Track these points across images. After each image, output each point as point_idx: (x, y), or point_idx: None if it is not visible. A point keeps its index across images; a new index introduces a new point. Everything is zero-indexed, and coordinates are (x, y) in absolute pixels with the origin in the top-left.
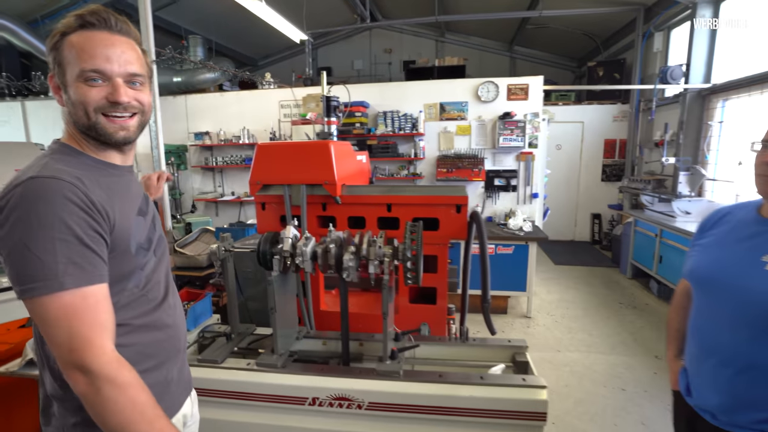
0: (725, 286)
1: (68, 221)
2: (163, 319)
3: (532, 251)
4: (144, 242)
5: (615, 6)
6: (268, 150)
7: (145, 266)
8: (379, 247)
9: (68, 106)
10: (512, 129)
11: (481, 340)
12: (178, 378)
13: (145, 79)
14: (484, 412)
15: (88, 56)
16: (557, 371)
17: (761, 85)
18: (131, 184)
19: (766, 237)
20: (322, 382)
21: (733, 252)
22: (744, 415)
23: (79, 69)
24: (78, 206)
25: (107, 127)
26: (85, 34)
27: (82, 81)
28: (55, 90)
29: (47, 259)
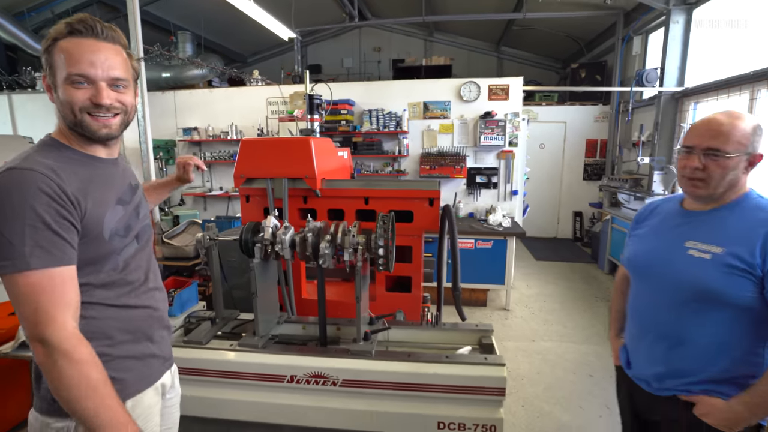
0: (657, 272)
1: (38, 209)
2: (143, 300)
3: (510, 246)
4: (121, 229)
5: (595, 10)
6: (251, 145)
7: (122, 251)
8: (353, 236)
9: (58, 105)
10: (493, 128)
11: (452, 325)
12: (158, 353)
13: (129, 82)
14: (449, 387)
15: (75, 61)
16: (530, 359)
17: (727, 90)
18: (115, 176)
19: (687, 226)
20: (299, 361)
21: (663, 240)
22: (673, 381)
23: (66, 72)
24: (49, 196)
25: (91, 125)
26: (74, 41)
27: (69, 83)
28: (47, 89)
29: (16, 242)
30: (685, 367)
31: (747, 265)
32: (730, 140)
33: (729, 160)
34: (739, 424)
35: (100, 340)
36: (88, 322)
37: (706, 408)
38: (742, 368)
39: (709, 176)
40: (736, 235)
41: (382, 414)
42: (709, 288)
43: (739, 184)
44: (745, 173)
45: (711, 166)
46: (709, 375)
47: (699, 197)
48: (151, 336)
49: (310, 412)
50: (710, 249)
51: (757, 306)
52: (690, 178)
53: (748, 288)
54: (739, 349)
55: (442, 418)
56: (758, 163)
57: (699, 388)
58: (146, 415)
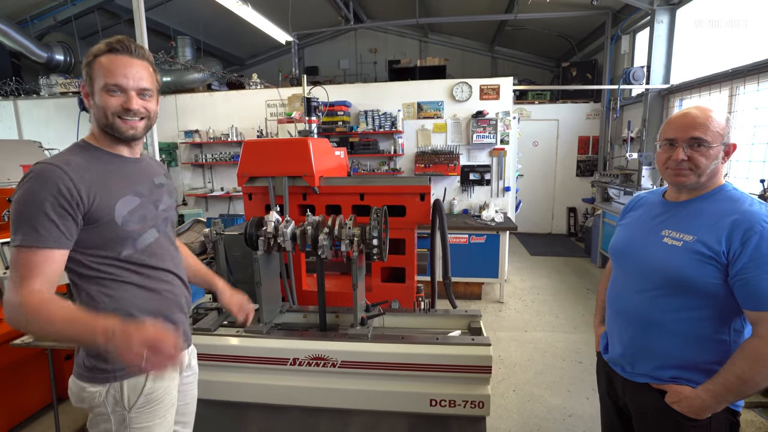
0: (632, 257)
1: (44, 199)
2: (163, 284)
3: (503, 240)
4: (135, 217)
5: (584, 10)
6: (253, 146)
7: (140, 237)
8: (348, 229)
9: (94, 109)
10: (485, 127)
11: (443, 311)
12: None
13: (153, 92)
14: (440, 367)
15: (111, 73)
16: (522, 348)
17: (709, 86)
18: (135, 172)
19: (665, 216)
20: (301, 344)
21: (642, 229)
22: (642, 364)
23: (103, 82)
24: (57, 188)
25: (121, 127)
26: (111, 57)
27: (105, 91)
28: (86, 96)
29: (20, 222)
30: (653, 351)
31: (713, 253)
32: (710, 130)
33: (711, 149)
34: (706, 411)
35: (120, 316)
36: (112, 299)
37: (676, 396)
38: (708, 354)
39: (696, 166)
40: (706, 224)
41: (378, 393)
42: (678, 274)
43: (716, 176)
44: (721, 163)
45: (696, 155)
46: (676, 360)
47: (685, 186)
48: (170, 317)
49: (312, 393)
50: (682, 237)
51: (722, 293)
52: (675, 169)
53: (714, 275)
54: (705, 335)
55: (434, 395)
56: (733, 153)
57: (668, 374)
58: (165, 388)
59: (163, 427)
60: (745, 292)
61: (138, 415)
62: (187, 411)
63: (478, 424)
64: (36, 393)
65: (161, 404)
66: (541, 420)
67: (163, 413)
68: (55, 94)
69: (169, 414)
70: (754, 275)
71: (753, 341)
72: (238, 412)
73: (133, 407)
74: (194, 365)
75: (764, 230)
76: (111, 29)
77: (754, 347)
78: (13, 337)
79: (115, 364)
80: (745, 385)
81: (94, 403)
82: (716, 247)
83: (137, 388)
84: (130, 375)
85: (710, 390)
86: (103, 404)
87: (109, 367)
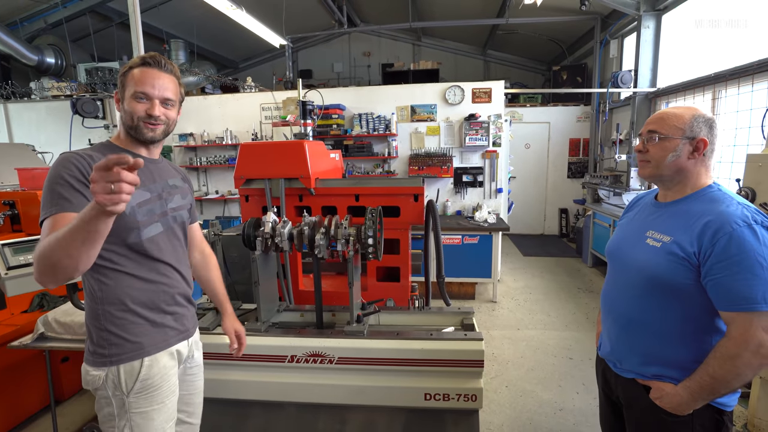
0: (621, 257)
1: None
2: (160, 276)
3: (496, 241)
4: (143, 209)
5: (574, 15)
6: (250, 149)
7: (145, 228)
8: (344, 229)
9: (122, 113)
10: (477, 129)
11: (437, 309)
12: (172, 324)
13: (176, 103)
14: (434, 361)
15: (141, 83)
16: (515, 345)
17: (693, 90)
18: (156, 170)
19: (653, 217)
20: (299, 342)
21: (632, 230)
22: (628, 361)
23: (134, 90)
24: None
25: (143, 130)
26: (143, 69)
27: (134, 98)
28: (117, 101)
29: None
30: (637, 349)
31: (686, 254)
32: (664, 124)
33: (665, 141)
34: (685, 408)
35: (114, 305)
36: (102, 288)
37: (658, 392)
38: (688, 353)
39: (651, 156)
40: (684, 225)
41: (374, 388)
42: (655, 274)
43: (694, 173)
44: (692, 158)
45: (649, 146)
46: (658, 358)
47: (645, 177)
48: (165, 309)
49: (310, 389)
50: (662, 238)
51: (698, 293)
52: (638, 161)
53: (688, 276)
54: (685, 334)
55: (428, 389)
56: (705, 149)
57: (650, 371)
58: (162, 375)
59: (163, 413)
60: (716, 293)
61: (136, 400)
62: (192, 401)
63: (471, 417)
64: (34, 395)
65: (159, 390)
66: (533, 414)
67: (161, 399)
68: (46, 98)
69: (169, 401)
70: (723, 276)
71: (725, 341)
72: (237, 409)
73: (131, 392)
74: (197, 357)
75: (734, 231)
76: (102, 32)
77: (725, 347)
78: (10, 339)
79: (111, 350)
80: (718, 383)
81: (97, 386)
82: (689, 248)
83: (133, 373)
84: (124, 360)
85: (688, 387)
86: (104, 387)
87: (106, 352)
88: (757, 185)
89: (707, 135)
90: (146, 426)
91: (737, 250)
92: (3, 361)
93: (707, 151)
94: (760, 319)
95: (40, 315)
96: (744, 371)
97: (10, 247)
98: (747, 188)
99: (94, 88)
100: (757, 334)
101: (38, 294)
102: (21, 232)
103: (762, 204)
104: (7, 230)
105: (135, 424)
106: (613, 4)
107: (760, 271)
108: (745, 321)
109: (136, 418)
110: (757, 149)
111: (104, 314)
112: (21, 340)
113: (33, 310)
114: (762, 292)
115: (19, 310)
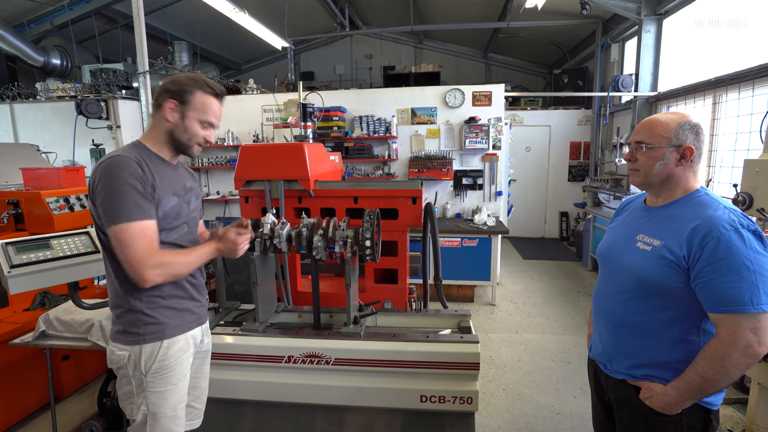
0: (611, 260)
1: (134, 183)
2: None
3: (495, 244)
4: (173, 213)
5: (575, 19)
6: (250, 150)
7: (174, 230)
8: (342, 231)
9: (175, 125)
10: (477, 132)
11: (434, 311)
12: (193, 309)
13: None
14: (430, 363)
15: (213, 114)
16: (513, 349)
17: (693, 94)
18: (175, 176)
19: (643, 221)
20: (296, 342)
21: (622, 233)
22: (619, 362)
23: (203, 117)
24: (140, 176)
25: (194, 150)
26: (215, 101)
27: (199, 123)
28: (171, 110)
29: (123, 202)
30: (627, 350)
31: (675, 258)
32: (651, 133)
33: (652, 150)
34: (674, 407)
35: (154, 290)
36: None
37: (648, 392)
38: (677, 354)
39: (639, 165)
40: (673, 229)
41: (370, 389)
42: (646, 277)
43: (682, 179)
44: (679, 165)
45: (638, 156)
46: (648, 359)
47: (636, 185)
48: (192, 296)
49: (306, 390)
50: (652, 242)
51: (687, 296)
52: (629, 168)
53: (677, 279)
54: (674, 336)
55: (424, 392)
56: (691, 156)
57: (640, 372)
58: (177, 357)
59: (176, 394)
60: (704, 295)
61: (153, 380)
62: (198, 385)
63: (466, 420)
64: (34, 392)
65: (173, 372)
66: (530, 418)
67: (175, 381)
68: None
69: (181, 384)
70: (712, 279)
71: (713, 342)
72: (234, 408)
73: (149, 371)
74: (207, 342)
75: (722, 236)
76: (108, 34)
77: (713, 348)
78: (12, 337)
79: (145, 329)
80: (707, 383)
81: (120, 364)
82: (678, 252)
83: (153, 353)
84: (152, 339)
85: (677, 387)
86: (125, 367)
87: (141, 330)
88: (755, 190)
89: (693, 142)
90: (160, 404)
91: (725, 253)
92: (4, 358)
93: (694, 157)
94: (747, 321)
95: (41, 313)
96: (732, 371)
97: (14, 246)
98: (744, 194)
99: (98, 90)
100: (745, 334)
101: (40, 292)
102: (24, 231)
103: (759, 209)
104: (10, 229)
105: (150, 402)
106: (614, 8)
107: (746, 273)
108: (733, 322)
109: (152, 397)
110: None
111: (140, 297)
112: (22, 338)
113: (35, 308)
114: (749, 294)
115: (21, 308)
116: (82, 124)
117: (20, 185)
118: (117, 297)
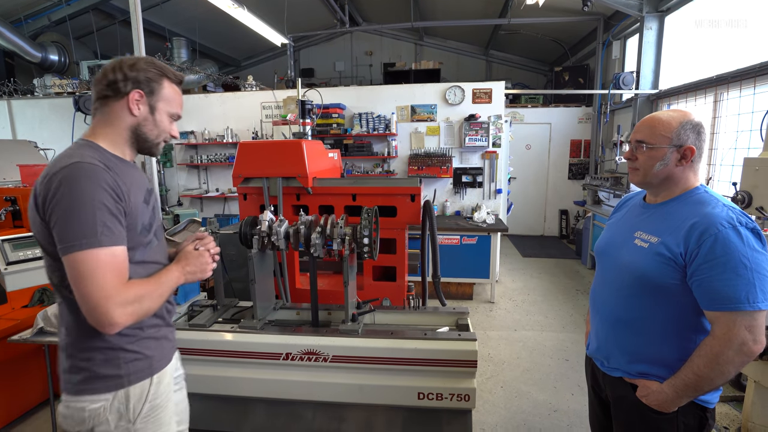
0: (609, 257)
1: (103, 198)
2: None
3: (494, 241)
4: (147, 225)
5: (576, 16)
6: (248, 147)
7: (147, 245)
8: (340, 228)
9: (144, 120)
10: (477, 130)
11: (432, 308)
12: (169, 336)
13: None
14: (427, 361)
15: (178, 105)
16: (511, 346)
17: (695, 92)
18: (140, 178)
19: (641, 218)
20: (294, 340)
21: (620, 230)
22: (615, 359)
23: (173, 111)
24: (111, 187)
25: (160, 148)
26: (178, 90)
27: (170, 117)
28: (138, 102)
29: (87, 222)
30: (624, 347)
31: (672, 255)
32: (652, 133)
33: (653, 150)
34: (670, 405)
35: None
36: None
37: (645, 390)
38: (673, 352)
39: (639, 164)
40: (671, 227)
41: (368, 386)
42: (643, 274)
43: (682, 179)
44: (680, 165)
45: (638, 155)
46: (644, 356)
47: (635, 183)
48: (168, 322)
49: (304, 387)
50: (650, 239)
51: (684, 293)
52: (629, 167)
53: (674, 276)
54: (670, 333)
55: (422, 389)
56: (692, 156)
57: (636, 369)
58: (166, 393)
59: None
60: (700, 293)
61: (144, 425)
62: (182, 410)
63: (464, 417)
64: (33, 389)
65: (164, 410)
66: (527, 415)
67: (167, 420)
68: (49, 95)
69: (172, 422)
70: (708, 276)
71: (709, 340)
72: (231, 405)
73: (138, 417)
74: (180, 367)
75: (719, 233)
76: (106, 30)
77: (709, 346)
78: (11, 333)
79: (127, 368)
80: (702, 381)
81: (97, 422)
82: (675, 249)
83: (143, 394)
84: (139, 379)
85: (673, 385)
86: (105, 422)
87: (122, 371)
88: (754, 189)
89: (695, 142)
90: None
91: (722, 251)
92: (3, 354)
93: (695, 157)
94: (743, 318)
95: (40, 310)
96: (728, 369)
97: (10, 243)
98: (743, 192)
99: None
100: (741, 332)
101: (39, 289)
102: (22, 228)
103: (758, 208)
104: (8, 226)
105: None
106: (615, 5)
107: (743, 271)
108: (729, 320)
109: None
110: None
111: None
112: (21, 335)
113: (33, 305)
114: (745, 291)
115: (20, 304)
116: (80, 121)
117: (18, 182)
118: (82, 335)
